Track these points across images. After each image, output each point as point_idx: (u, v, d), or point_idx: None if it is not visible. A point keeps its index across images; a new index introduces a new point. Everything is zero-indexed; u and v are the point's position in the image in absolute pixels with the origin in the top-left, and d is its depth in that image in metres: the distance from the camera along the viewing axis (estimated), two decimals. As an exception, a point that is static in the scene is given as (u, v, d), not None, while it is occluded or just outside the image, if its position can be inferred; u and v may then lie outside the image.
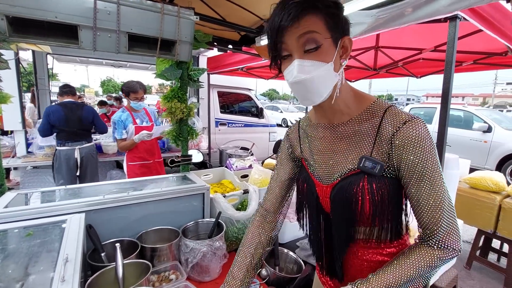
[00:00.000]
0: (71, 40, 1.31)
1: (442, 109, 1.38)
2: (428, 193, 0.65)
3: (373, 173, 0.69)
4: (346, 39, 0.68)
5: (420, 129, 0.64)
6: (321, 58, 0.65)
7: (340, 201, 0.73)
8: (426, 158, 0.64)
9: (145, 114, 2.81)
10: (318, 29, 0.64)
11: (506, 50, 2.47)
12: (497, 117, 6.57)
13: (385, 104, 0.71)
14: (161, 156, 2.95)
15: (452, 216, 0.66)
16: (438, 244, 0.65)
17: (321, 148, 0.80)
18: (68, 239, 0.89)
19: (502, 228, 2.48)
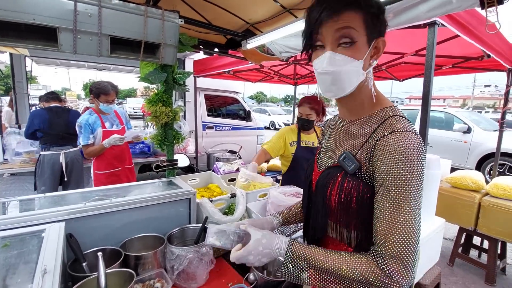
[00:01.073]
0: (50, 43, 1.27)
1: (423, 111, 1.42)
2: (389, 211, 0.61)
3: (347, 170, 0.71)
4: (381, 40, 0.70)
5: (405, 140, 0.61)
6: (353, 54, 0.67)
7: (320, 187, 0.78)
8: (399, 172, 0.60)
9: (115, 116, 2.61)
10: (356, 26, 0.66)
11: (482, 55, 2.58)
12: (476, 118, 6.86)
13: (393, 112, 0.71)
14: (132, 162, 2.78)
15: (410, 250, 0.59)
16: (381, 264, 0.61)
17: (330, 139, 0.87)
18: (46, 249, 0.86)
19: (482, 225, 2.58)
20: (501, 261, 2.72)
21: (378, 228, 0.64)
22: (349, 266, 0.64)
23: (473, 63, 2.90)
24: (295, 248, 0.70)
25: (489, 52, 2.14)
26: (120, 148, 2.51)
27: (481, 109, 31.87)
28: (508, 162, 5.74)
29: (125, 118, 2.70)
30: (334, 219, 0.76)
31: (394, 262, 0.60)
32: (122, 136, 2.36)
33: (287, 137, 2.25)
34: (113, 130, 2.50)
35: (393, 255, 0.60)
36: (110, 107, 2.47)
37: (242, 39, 2.16)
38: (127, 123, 2.73)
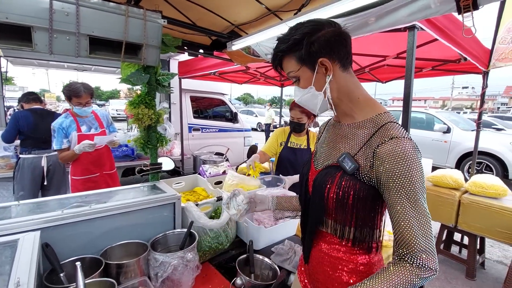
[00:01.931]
0: (24, 42, 1.21)
1: (404, 112, 1.45)
2: (406, 210, 0.67)
3: (345, 169, 0.76)
4: (322, 60, 0.77)
5: (403, 147, 0.68)
6: (302, 85, 0.83)
7: (317, 184, 0.83)
8: (404, 174, 0.67)
9: (94, 119, 2.41)
10: (292, 67, 0.82)
11: (459, 58, 2.69)
12: (455, 118, 7.14)
13: (387, 118, 0.77)
14: (114, 167, 2.59)
15: (430, 237, 0.67)
16: (416, 262, 0.66)
17: (326, 140, 0.92)
18: (20, 260, 0.81)
19: (462, 222, 2.67)
20: (480, 256, 2.83)
21: (403, 230, 0.67)
22: (392, 283, 0.66)
23: (451, 66, 3.02)
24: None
25: (466, 55, 2.23)
26: (97, 152, 2.32)
27: (460, 110, 33.24)
28: (485, 161, 5.99)
29: (106, 120, 2.53)
30: (330, 215, 0.82)
31: (425, 255, 0.66)
32: (92, 142, 2.15)
33: (279, 137, 2.34)
34: (90, 134, 2.32)
35: (422, 249, 0.66)
36: (84, 109, 2.27)
37: (227, 41, 2.15)
38: (109, 125, 2.56)
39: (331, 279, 0.84)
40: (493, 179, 2.72)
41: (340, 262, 0.82)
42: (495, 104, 55.93)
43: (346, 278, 0.81)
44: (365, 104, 0.82)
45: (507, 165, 5.66)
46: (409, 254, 0.67)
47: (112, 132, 2.56)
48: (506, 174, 5.65)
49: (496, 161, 5.84)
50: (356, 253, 0.80)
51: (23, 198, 2.86)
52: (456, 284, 2.63)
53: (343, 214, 0.78)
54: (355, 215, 0.76)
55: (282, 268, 1.31)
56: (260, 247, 1.47)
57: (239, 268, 1.22)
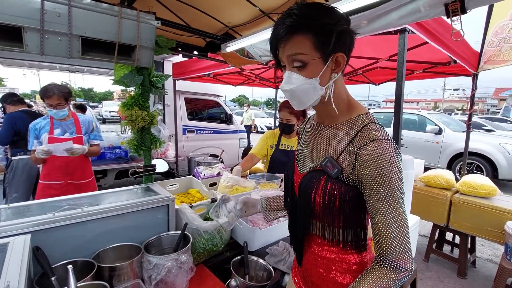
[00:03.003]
0: (14, 43, 1.19)
1: (395, 113, 1.48)
2: (383, 210, 0.68)
3: (329, 174, 0.76)
4: (339, 55, 0.72)
5: (385, 149, 0.68)
6: (307, 74, 0.72)
7: (303, 189, 0.81)
8: (384, 176, 0.67)
9: (72, 124, 2.27)
10: (305, 50, 0.70)
11: (449, 61, 2.74)
12: (447, 120, 7.26)
13: (368, 119, 0.76)
14: (88, 177, 2.38)
15: (406, 238, 0.68)
16: (390, 264, 0.67)
17: (309, 142, 0.90)
18: (10, 264, 0.79)
19: (453, 222, 2.72)
20: (471, 255, 2.88)
21: (377, 230, 0.69)
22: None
23: (442, 68, 3.08)
24: None
25: (455, 58, 2.28)
26: (66, 159, 2.14)
27: (451, 111, 33.85)
28: (475, 161, 6.11)
29: (86, 126, 2.33)
30: (318, 219, 0.81)
31: (399, 256, 0.67)
32: (45, 149, 1.99)
33: (269, 140, 2.32)
34: (62, 138, 2.17)
35: (396, 250, 0.67)
36: (57, 112, 2.11)
37: (222, 42, 2.15)
38: (90, 132, 2.36)
39: (325, 280, 0.84)
40: (483, 179, 2.78)
41: (333, 263, 0.82)
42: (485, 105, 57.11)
43: (340, 279, 0.81)
44: (348, 105, 0.81)
45: (496, 166, 5.78)
46: (386, 256, 0.68)
47: (93, 140, 2.38)
48: (496, 174, 5.76)
49: (486, 162, 5.96)
50: (347, 253, 0.81)
51: (17, 200, 2.81)
52: (448, 283, 2.67)
53: (330, 217, 0.78)
54: (343, 216, 0.77)
55: (277, 269, 1.31)
56: (254, 248, 1.47)
57: (234, 269, 1.22)
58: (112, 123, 19.77)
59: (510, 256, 2.14)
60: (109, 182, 4.03)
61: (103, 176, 4.01)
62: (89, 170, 2.43)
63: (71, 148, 2.07)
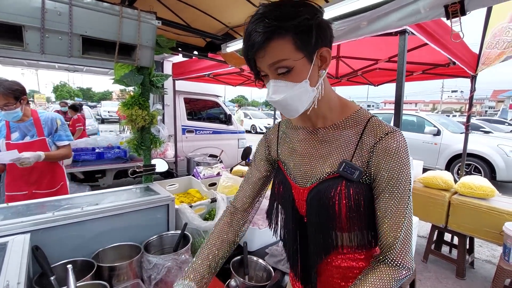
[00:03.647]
0: (15, 41, 1.19)
1: (395, 114, 1.48)
2: (396, 208, 0.66)
3: (351, 178, 0.69)
4: (324, 50, 0.66)
5: (399, 141, 0.66)
6: (294, 78, 0.65)
7: (317, 204, 0.72)
8: (401, 171, 0.65)
9: (32, 125, 1.94)
10: (286, 54, 0.62)
11: (448, 62, 2.76)
12: (445, 121, 7.28)
13: (368, 114, 0.73)
14: (57, 184, 2.08)
15: (409, 236, 0.67)
16: (393, 262, 0.66)
17: (301, 150, 0.79)
18: (9, 263, 0.79)
19: (452, 223, 2.72)
20: (469, 256, 2.88)
21: (387, 228, 0.67)
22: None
23: (441, 69, 3.09)
24: None
25: (454, 59, 2.29)
26: (29, 166, 1.83)
27: (449, 113, 34.01)
28: (473, 163, 6.13)
29: (49, 127, 1.99)
30: (342, 229, 0.72)
31: (404, 255, 0.66)
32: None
33: None
34: (21, 142, 1.89)
35: (401, 249, 0.66)
36: (5, 114, 1.77)
37: (222, 42, 2.15)
38: (54, 133, 2.02)
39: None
40: (481, 180, 2.79)
41: (351, 270, 0.76)
42: (483, 107, 57.44)
43: None
44: (341, 103, 0.76)
45: (494, 167, 5.80)
46: (390, 254, 0.67)
47: (58, 141, 2.02)
48: (494, 176, 5.79)
49: (484, 163, 5.98)
50: (371, 250, 0.76)
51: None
52: (447, 283, 2.67)
53: (358, 222, 0.71)
54: (370, 217, 0.71)
55: (277, 269, 1.31)
56: (254, 248, 1.47)
57: (234, 269, 1.22)
58: (111, 123, 19.73)
59: (508, 257, 2.14)
60: (108, 182, 4.02)
61: (101, 176, 4.00)
62: (60, 176, 2.12)
63: (19, 159, 1.72)
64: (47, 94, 33.68)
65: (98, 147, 4.06)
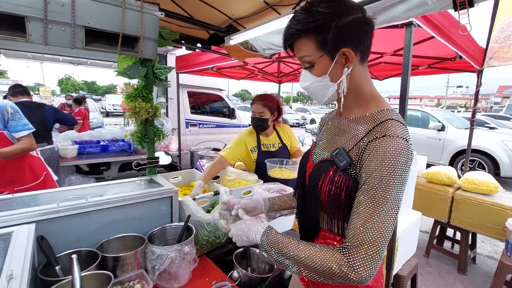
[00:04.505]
0: (18, 33, 1.18)
1: (400, 109, 1.46)
2: (366, 206, 0.65)
3: (338, 165, 0.75)
4: (345, 50, 0.71)
5: (394, 145, 0.64)
6: (316, 72, 0.76)
7: (312, 178, 0.82)
8: (383, 173, 0.64)
9: None
10: (309, 52, 0.74)
11: (455, 56, 2.71)
12: (450, 117, 7.21)
13: (389, 115, 0.73)
14: (37, 177, 1.96)
15: (377, 242, 0.62)
16: (347, 256, 0.64)
17: (326, 133, 0.91)
18: (13, 253, 0.80)
19: (454, 218, 2.72)
20: (471, 251, 2.89)
21: (353, 222, 0.67)
22: (314, 254, 0.68)
23: (447, 64, 3.04)
24: (270, 234, 0.77)
25: (461, 53, 2.25)
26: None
27: (454, 108, 33.63)
28: (477, 158, 6.08)
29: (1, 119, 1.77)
30: (325, 210, 0.80)
31: (360, 254, 0.63)
32: None
33: (247, 142, 2.02)
34: None
35: (360, 247, 0.63)
36: None
37: (225, 35, 2.13)
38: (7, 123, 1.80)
39: None
40: (485, 176, 2.77)
41: None
42: (488, 103, 56.68)
43: None
44: (371, 100, 0.79)
45: (498, 163, 5.75)
46: (346, 248, 0.65)
47: (15, 132, 1.81)
48: (498, 172, 5.74)
49: (488, 159, 5.93)
50: None
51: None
52: (448, 278, 2.68)
53: (336, 209, 0.76)
54: (348, 210, 0.73)
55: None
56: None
57: (236, 261, 1.23)
58: (115, 117, 19.79)
59: (510, 252, 2.14)
60: (112, 175, 4.05)
61: (106, 168, 4.03)
62: (39, 166, 2.00)
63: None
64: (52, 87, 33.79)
65: (102, 139, 4.09)
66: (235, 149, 1.99)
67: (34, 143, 1.95)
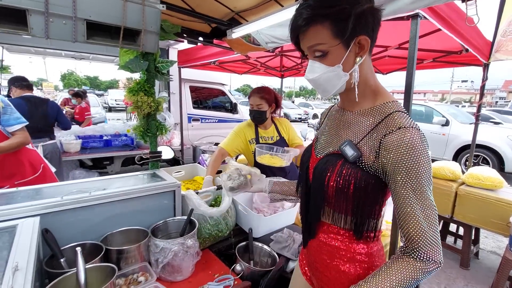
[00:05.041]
0: (19, 26, 1.18)
1: (405, 103, 1.44)
2: (410, 201, 0.65)
3: (347, 158, 0.73)
4: (362, 38, 0.69)
5: (412, 136, 0.65)
6: (328, 62, 0.71)
7: (318, 173, 0.80)
8: (411, 165, 0.64)
9: None
10: (323, 40, 0.69)
11: (461, 49, 2.66)
12: (454, 111, 7.14)
13: (395, 107, 0.73)
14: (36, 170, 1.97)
15: (436, 229, 0.66)
16: (420, 255, 0.65)
17: (328, 128, 0.89)
18: (19, 245, 0.81)
19: (458, 213, 2.71)
20: (474, 246, 2.88)
21: (410, 225, 0.66)
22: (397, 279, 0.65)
23: (452, 57, 2.99)
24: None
25: (468, 46, 2.20)
26: None
27: (458, 103, 33.28)
28: (482, 154, 6.03)
29: None
30: (330, 204, 0.80)
31: (430, 247, 0.64)
32: None
33: (246, 134, 2.03)
34: None
35: (427, 242, 0.64)
36: None
37: (227, 28, 2.11)
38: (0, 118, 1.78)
39: (328, 267, 0.84)
40: (489, 171, 2.75)
41: (337, 251, 0.81)
42: (493, 98, 56.01)
43: (343, 267, 0.81)
44: (376, 91, 0.78)
45: (503, 158, 5.70)
46: (414, 248, 0.65)
47: (7, 126, 1.79)
48: (502, 167, 5.69)
49: (493, 154, 5.88)
50: (354, 242, 0.79)
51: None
52: (451, 273, 2.68)
53: (343, 203, 0.76)
54: (355, 204, 0.75)
55: (281, 255, 1.32)
56: (259, 235, 1.48)
57: (239, 255, 1.24)
58: (118, 112, 19.84)
59: (514, 248, 2.13)
60: (116, 169, 4.08)
61: (110, 163, 4.06)
62: (36, 159, 2.03)
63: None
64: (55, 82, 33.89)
65: (105, 134, 4.11)
66: (234, 140, 2.00)
67: (29, 136, 1.94)
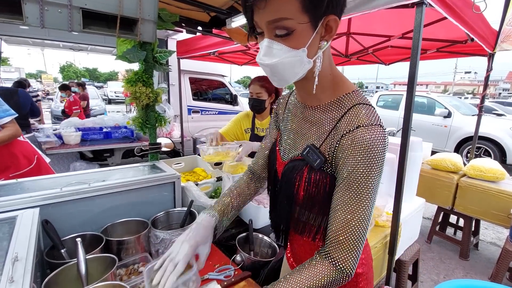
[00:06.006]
0: (14, 15, 1.15)
1: (408, 93, 1.42)
2: (349, 203, 0.61)
3: (312, 165, 0.68)
4: (331, 18, 0.58)
5: (370, 137, 0.59)
6: (292, 44, 0.58)
7: (286, 180, 0.74)
8: (362, 167, 0.59)
9: None
10: (290, 14, 0.55)
11: (466, 39, 2.61)
12: (456, 103, 7.07)
13: (356, 99, 0.65)
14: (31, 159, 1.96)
15: (361, 240, 0.61)
16: (334, 261, 0.62)
17: (290, 126, 0.80)
18: (18, 236, 0.81)
19: (458, 205, 2.71)
20: (474, 238, 2.89)
21: (335, 221, 0.63)
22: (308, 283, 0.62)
23: (457, 47, 2.94)
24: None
25: (473, 35, 2.16)
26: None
27: (461, 95, 33.01)
28: (484, 146, 6.00)
29: None
30: (301, 207, 0.74)
31: (349, 260, 0.61)
32: None
33: (242, 123, 2.07)
34: None
35: (348, 252, 0.61)
36: None
37: (227, 17, 2.07)
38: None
39: None
40: (491, 163, 2.73)
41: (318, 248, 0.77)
42: (496, 89, 55.49)
43: None
44: (333, 81, 0.68)
45: (505, 150, 5.68)
46: (334, 254, 0.62)
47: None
48: (504, 159, 5.68)
49: (495, 146, 5.85)
50: None
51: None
52: (450, 263, 2.70)
53: (314, 207, 0.71)
54: (327, 204, 0.68)
55: (281, 246, 1.33)
56: (259, 226, 1.49)
57: (239, 245, 1.24)
58: (117, 104, 19.80)
59: (514, 239, 2.14)
60: (116, 161, 4.09)
61: (110, 155, 4.06)
62: (29, 150, 2.00)
63: None
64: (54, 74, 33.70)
65: (105, 126, 4.10)
66: (231, 128, 2.07)
67: (19, 128, 1.91)
